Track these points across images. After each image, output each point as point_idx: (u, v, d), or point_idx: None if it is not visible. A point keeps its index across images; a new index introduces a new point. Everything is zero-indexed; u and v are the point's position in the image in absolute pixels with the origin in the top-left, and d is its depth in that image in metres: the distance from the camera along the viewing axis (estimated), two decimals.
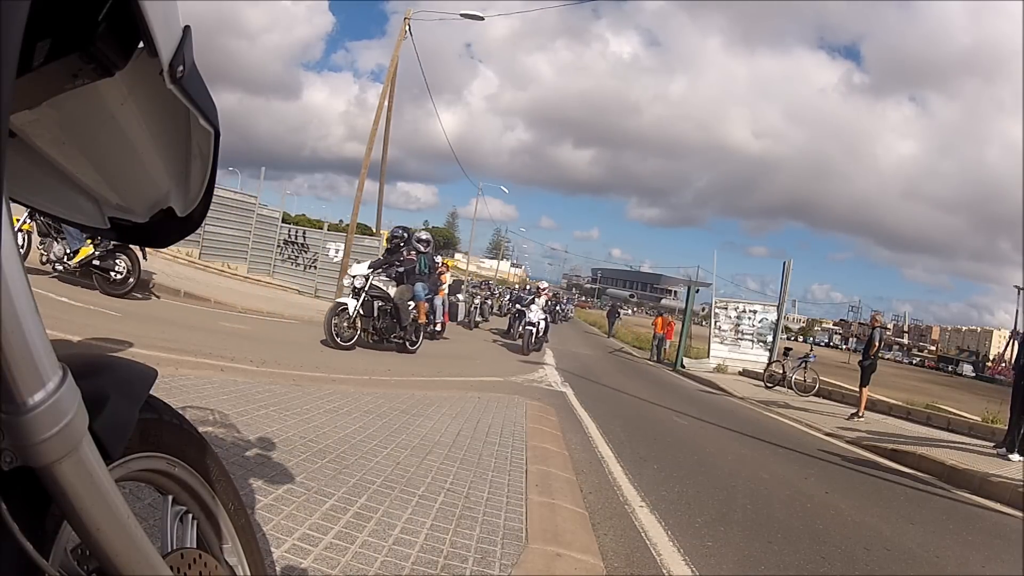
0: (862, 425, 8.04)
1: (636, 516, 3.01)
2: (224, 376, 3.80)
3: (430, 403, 4.44)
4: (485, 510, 2.45)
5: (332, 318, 7.10)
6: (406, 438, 3.29)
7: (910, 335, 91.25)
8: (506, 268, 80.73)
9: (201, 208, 0.71)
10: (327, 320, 7.08)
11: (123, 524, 0.51)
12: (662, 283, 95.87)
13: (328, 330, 6.99)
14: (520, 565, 2.01)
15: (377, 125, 15.73)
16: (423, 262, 8.31)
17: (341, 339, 7.07)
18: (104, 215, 0.69)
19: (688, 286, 19.80)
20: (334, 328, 7.03)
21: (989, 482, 4.81)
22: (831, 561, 2.80)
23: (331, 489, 2.28)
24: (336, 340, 7.00)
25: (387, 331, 7.68)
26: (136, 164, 0.63)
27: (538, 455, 3.54)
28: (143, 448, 0.65)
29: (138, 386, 0.64)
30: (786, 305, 16.43)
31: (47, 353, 0.43)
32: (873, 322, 9.63)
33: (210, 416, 2.75)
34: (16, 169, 0.59)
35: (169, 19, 0.50)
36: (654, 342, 17.93)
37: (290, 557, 1.69)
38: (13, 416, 0.42)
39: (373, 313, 7.48)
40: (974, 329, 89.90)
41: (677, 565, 2.46)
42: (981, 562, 3.18)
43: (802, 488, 4.23)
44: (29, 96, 0.51)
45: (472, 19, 16.06)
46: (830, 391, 11.65)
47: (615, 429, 5.28)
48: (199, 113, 0.58)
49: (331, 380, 4.75)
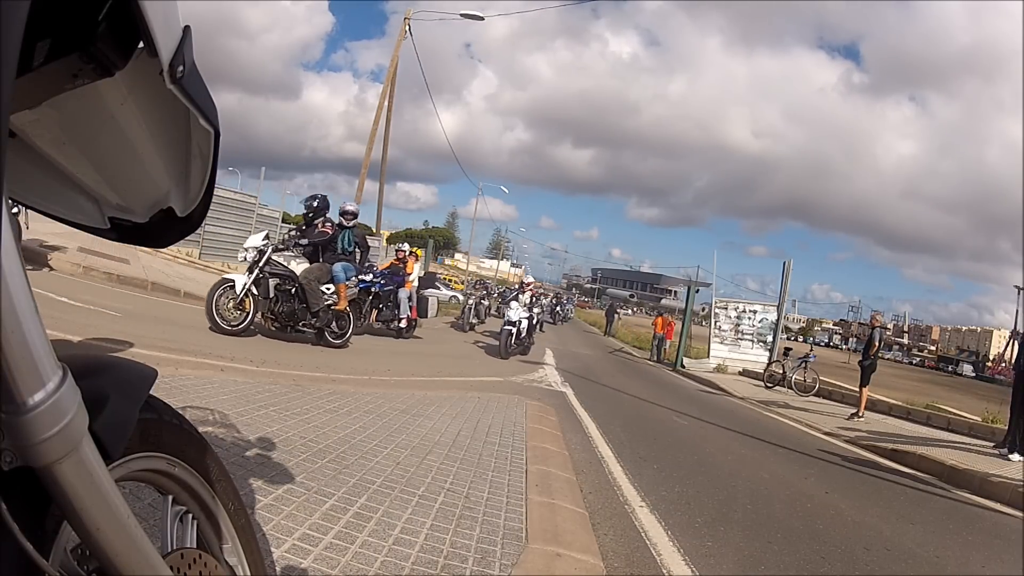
0: (862, 425, 8.04)
1: (636, 516, 3.01)
2: (224, 376, 3.80)
3: (430, 403, 4.44)
4: (485, 510, 2.45)
5: (214, 296, 5.97)
6: (406, 438, 3.29)
7: (910, 335, 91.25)
8: (506, 268, 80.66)
9: (201, 208, 0.71)
10: (208, 298, 5.99)
11: (123, 524, 0.51)
12: (662, 283, 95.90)
13: (208, 310, 5.91)
14: (520, 565, 2.01)
15: (377, 125, 15.76)
16: (346, 238, 7.05)
17: (225, 321, 5.97)
18: (104, 215, 0.69)
19: (688, 286, 19.81)
20: (215, 308, 5.92)
21: (989, 482, 4.81)
22: (831, 561, 2.80)
23: (331, 489, 2.28)
24: (219, 322, 5.91)
25: (290, 317, 6.45)
26: (136, 164, 0.63)
27: (538, 455, 3.54)
28: (143, 448, 0.65)
29: (138, 386, 0.64)
30: (786, 305, 16.43)
31: (47, 353, 0.43)
32: (873, 322, 9.63)
33: (210, 416, 2.75)
34: (16, 169, 0.59)
35: (169, 19, 0.50)
36: (654, 342, 17.95)
37: (290, 557, 1.69)
38: (13, 416, 0.42)
39: (269, 294, 6.28)
40: (974, 329, 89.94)
41: (677, 565, 2.46)
42: (981, 562, 3.18)
43: (802, 488, 4.23)
44: (29, 96, 0.51)
45: (472, 19, 16.07)
46: (830, 391, 11.65)
47: (615, 429, 5.28)
48: (199, 113, 0.58)
49: (331, 380, 4.75)
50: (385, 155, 17.62)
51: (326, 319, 6.71)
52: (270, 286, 6.30)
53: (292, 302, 6.46)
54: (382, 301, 9.75)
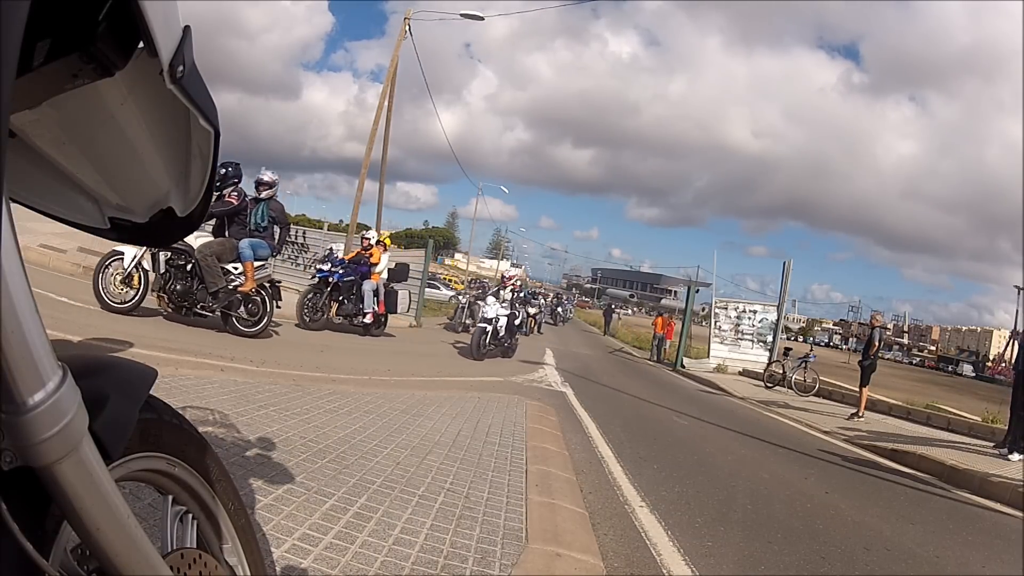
0: (862, 425, 8.04)
1: (636, 516, 3.01)
2: (224, 376, 3.80)
3: (430, 403, 4.44)
4: (485, 510, 2.45)
5: (101, 269, 5.45)
6: (406, 438, 3.29)
7: (910, 335, 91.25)
8: (506, 268, 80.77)
9: (201, 208, 0.71)
10: (95, 272, 5.50)
11: (123, 524, 0.52)
12: (662, 283, 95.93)
13: (94, 285, 5.43)
14: (520, 565, 2.01)
15: (377, 125, 15.73)
16: (260, 212, 6.27)
17: (111, 298, 5.43)
18: (104, 215, 0.69)
19: (688, 286, 19.84)
20: (101, 284, 5.41)
21: (989, 482, 4.81)
22: (831, 561, 2.80)
23: (331, 489, 2.28)
24: (105, 299, 5.40)
25: (184, 297, 5.70)
26: (136, 164, 0.63)
27: (538, 455, 3.54)
28: (143, 448, 0.65)
29: (138, 386, 0.64)
30: (786, 305, 16.44)
31: (47, 353, 0.43)
32: (873, 322, 9.63)
33: (210, 416, 2.75)
34: (16, 169, 0.59)
35: (169, 19, 0.50)
36: (654, 342, 17.98)
37: (290, 557, 1.69)
38: (13, 416, 0.42)
39: (160, 269, 5.61)
40: (974, 329, 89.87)
41: (677, 565, 2.46)
42: (981, 562, 3.18)
43: (802, 488, 4.23)
44: (29, 96, 0.51)
45: (472, 19, 16.06)
46: (830, 391, 11.65)
47: (615, 429, 5.28)
48: (199, 113, 0.58)
49: (331, 380, 4.75)
50: (385, 155, 17.60)
51: (226, 301, 5.92)
52: (161, 260, 5.62)
53: (187, 280, 5.71)
54: (342, 293, 8.81)
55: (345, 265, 8.97)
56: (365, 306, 8.91)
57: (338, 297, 8.79)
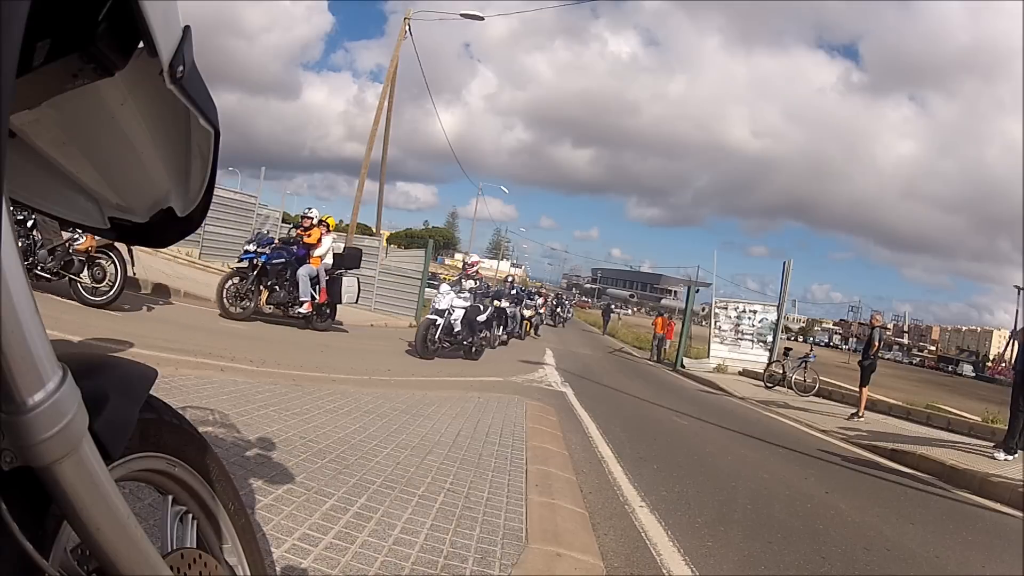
0: (862, 425, 8.04)
1: (636, 516, 3.01)
2: (224, 376, 3.80)
3: (430, 403, 4.44)
4: (485, 510, 2.45)
5: None
6: (406, 438, 3.29)
7: (910, 335, 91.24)
8: (506, 268, 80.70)
9: (201, 208, 0.71)
10: None
11: (123, 524, 0.52)
12: (662, 283, 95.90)
13: None
14: (520, 565, 2.01)
15: (377, 125, 15.74)
16: None
17: None
18: (104, 215, 0.69)
19: (688, 286, 19.85)
20: None
21: (989, 482, 4.81)
22: (831, 561, 2.80)
23: (331, 489, 2.28)
24: None
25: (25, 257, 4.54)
26: (136, 164, 0.63)
27: (538, 455, 3.54)
28: (143, 448, 0.65)
29: (138, 386, 0.64)
30: (786, 305, 16.44)
31: (47, 353, 0.43)
32: (873, 322, 9.63)
33: (210, 416, 2.75)
34: (16, 169, 0.59)
35: (169, 19, 0.50)
36: (654, 342, 17.99)
37: (290, 557, 1.69)
38: (13, 416, 0.42)
39: None
40: (974, 329, 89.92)
41: (677, 565, 2.46)
42: (981, 562, 3.19)
43: (802, 488, 4.23)
44: (29, 96, 0.51)
45: (472, 19, 16.07)
46: (830, 391, 11.65)
47: (615, 429, 5.28)
48: (199, 113, 0.58)
49: (331, 380, 4.75)
50: (385, 155, 17.61)
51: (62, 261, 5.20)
52: None
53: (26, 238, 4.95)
54: (271, 278, 7.66)
55: (275, 247, 7.84)
56: (301, 294, 7.75)
57: (267, 283, 7.68)
